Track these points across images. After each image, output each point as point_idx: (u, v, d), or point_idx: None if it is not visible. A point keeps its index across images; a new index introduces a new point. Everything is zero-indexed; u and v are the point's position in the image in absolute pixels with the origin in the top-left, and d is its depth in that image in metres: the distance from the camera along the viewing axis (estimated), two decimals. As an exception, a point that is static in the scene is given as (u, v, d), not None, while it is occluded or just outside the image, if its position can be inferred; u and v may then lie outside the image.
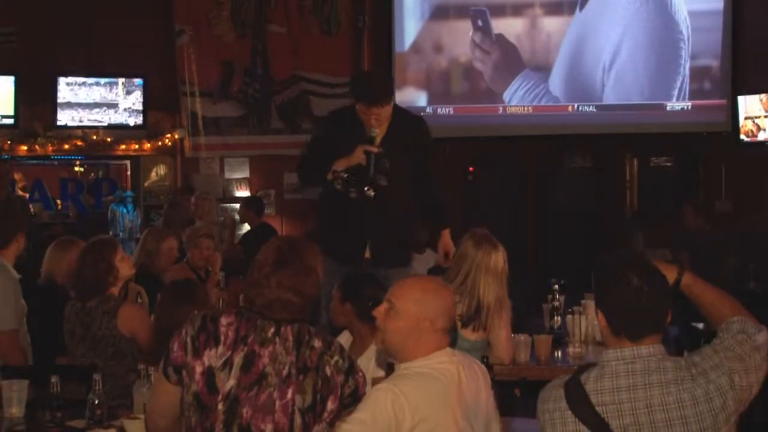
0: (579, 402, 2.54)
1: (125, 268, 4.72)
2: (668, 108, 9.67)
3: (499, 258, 4.38)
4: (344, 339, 4.03)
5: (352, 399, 2.80)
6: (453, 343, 3.16)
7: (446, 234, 5.11)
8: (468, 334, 4.34)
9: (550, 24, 9.79)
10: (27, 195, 9.32)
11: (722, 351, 2.57)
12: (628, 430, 2.50)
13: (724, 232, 8.44)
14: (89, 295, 4.57)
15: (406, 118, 5.12)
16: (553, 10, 9.82)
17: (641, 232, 9.35)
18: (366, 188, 4.80)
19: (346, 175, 4.80)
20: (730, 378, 2.51)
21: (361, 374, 2.86)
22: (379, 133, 4.88)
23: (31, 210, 8.98)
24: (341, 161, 4.82)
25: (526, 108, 9.79)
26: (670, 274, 2.72)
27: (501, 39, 9.69)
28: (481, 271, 4.35)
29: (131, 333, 4.49)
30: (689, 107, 9.64)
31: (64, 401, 3.69)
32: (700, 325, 6.09)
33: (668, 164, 9.85)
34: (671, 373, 2.51)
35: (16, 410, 3.78)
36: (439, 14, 9.82)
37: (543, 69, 9.73)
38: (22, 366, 4.67)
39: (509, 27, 9.77)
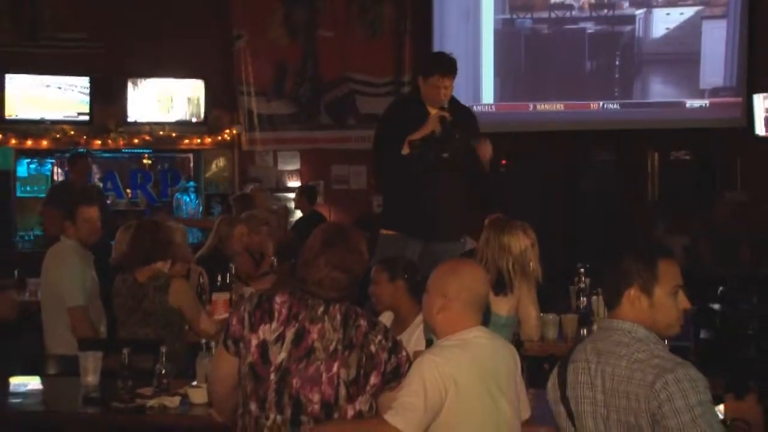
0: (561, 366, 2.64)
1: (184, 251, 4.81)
2: (687, 106, 9.57)
3: (512, 239, 4.37)
4: (384, 318, 4.04)
5: (394, 375, 2.79)
6: (487, 322, 3.15)
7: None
8: (500, 310, 4.32)
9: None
10: (101, 185, 9.44)
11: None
12: (577, 387, 2.54)
13: (740, 219, 8.33)
14: (140, 263, 4.63)
15: (460, 106, 5.33)
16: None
17: (662, 220, 9.26)
18: (442, 152, 5.00)
19: (420, 143, 4.97)
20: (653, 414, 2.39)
21: (404, 353, 2.85)
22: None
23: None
24: (416, 134, 5.00)
25: (556, 105, 9.74)
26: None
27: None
28: (495, 247, 4.36)
29: (178, 305, 4.56)
30: (707, 105, 9.54)
31: (134, 371, 3.74)
32: (716, 306, 6.03)
33: (687, 158, 9.74)
34: (623, 349, 2.50)
35: (91, 378, 3.86)
36: (474, 19, 9.80)
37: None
38: (97, 339, 4.75)
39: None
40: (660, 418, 2.35)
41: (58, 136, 9.16)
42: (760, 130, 9.20)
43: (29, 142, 9.13)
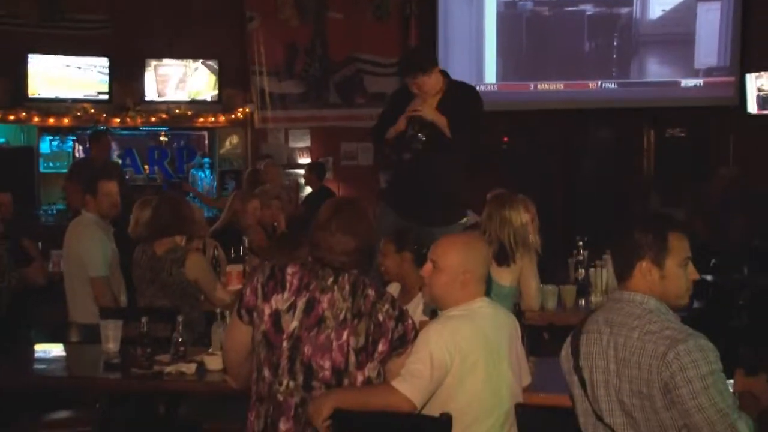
0: (574, 336, 2.64)
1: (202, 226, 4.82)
2: (682, 85, 9.52)
3: (513, 213, 4.37)
4: (392, 289, 4.05)
5: (400, 342, 2.80)
6: (489, 292, 3.15)
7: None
8: (503, 280, 4.32)
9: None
10: (120, 161, 9.44)
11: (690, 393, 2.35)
12: (589, 357, 2.53)
13: (733, 194, 8.29)
14: (160, 235, 4.64)
15: (458, 89, 5.01)
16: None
17: (657, 194, 9.24)
18: (403, 152, 4.81)
19: (394, 142, 4.84)
20: (666, 382, 2.37)
21: (410, 321, 2.85)
22: (430, 103, 4.83)
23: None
24: (391, 131, 4.86)
25: (556, 85, 9.69)
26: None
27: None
28: (497, 220, 4.36)
29: (194, 278, 4.56)
30: (701, 84, 9.48)
31: (153, 339, 3.75)
32: (709, 278, 6.02)
33: (682, 135, 9.69)
34: (635, 320, 2.48)
35: (112, 346, 3.87)
36: (478, 2, 9.73)
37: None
38: (118, 308, 4.77)
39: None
40: (672, 387, 2.34)
41: (78, 114, 9.15)
42: (752, 108, 9.16)
43: (51, 120, 9.13)
